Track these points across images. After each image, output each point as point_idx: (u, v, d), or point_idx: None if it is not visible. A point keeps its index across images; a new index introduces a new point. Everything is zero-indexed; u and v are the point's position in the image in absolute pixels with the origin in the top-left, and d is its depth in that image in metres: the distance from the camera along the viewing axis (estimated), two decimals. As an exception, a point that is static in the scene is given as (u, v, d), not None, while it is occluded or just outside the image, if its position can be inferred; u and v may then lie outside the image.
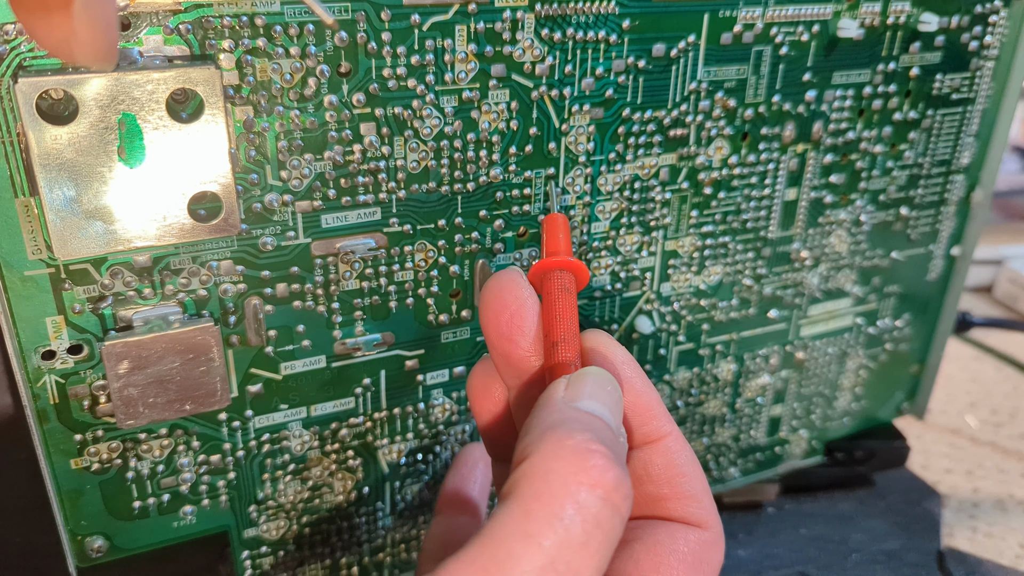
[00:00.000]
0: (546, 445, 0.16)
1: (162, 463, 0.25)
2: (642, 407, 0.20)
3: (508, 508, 0.15)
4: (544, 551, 0.15)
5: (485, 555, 0.15)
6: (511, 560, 0.14)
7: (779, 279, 0.33)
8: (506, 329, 0.20)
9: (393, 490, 0.29)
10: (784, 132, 0.30)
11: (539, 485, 0.15)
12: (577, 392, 0.18)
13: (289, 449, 0.26)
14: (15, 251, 0.21)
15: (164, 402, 0.23)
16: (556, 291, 0.21)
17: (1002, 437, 0.46)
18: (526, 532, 0.15)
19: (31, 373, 0.22)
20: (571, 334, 0.20)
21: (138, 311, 0.23)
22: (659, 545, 0.19)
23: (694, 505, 0.20)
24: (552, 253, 0.22)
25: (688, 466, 0.20)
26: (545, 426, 0.17)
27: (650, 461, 0.20)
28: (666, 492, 0.20)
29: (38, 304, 0.21)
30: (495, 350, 0.21)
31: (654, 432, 0.20)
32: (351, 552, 0.29)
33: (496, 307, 0.20)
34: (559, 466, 0.15)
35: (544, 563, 0.15)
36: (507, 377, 0.21)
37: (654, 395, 0.20)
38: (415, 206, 0.25)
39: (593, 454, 0.16)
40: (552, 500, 0.15)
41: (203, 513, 0.26)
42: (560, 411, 0.17)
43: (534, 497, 0.15)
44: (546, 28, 0.24)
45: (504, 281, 0.20)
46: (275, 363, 0.25)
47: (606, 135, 0.27)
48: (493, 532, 0.15)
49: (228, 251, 0.23)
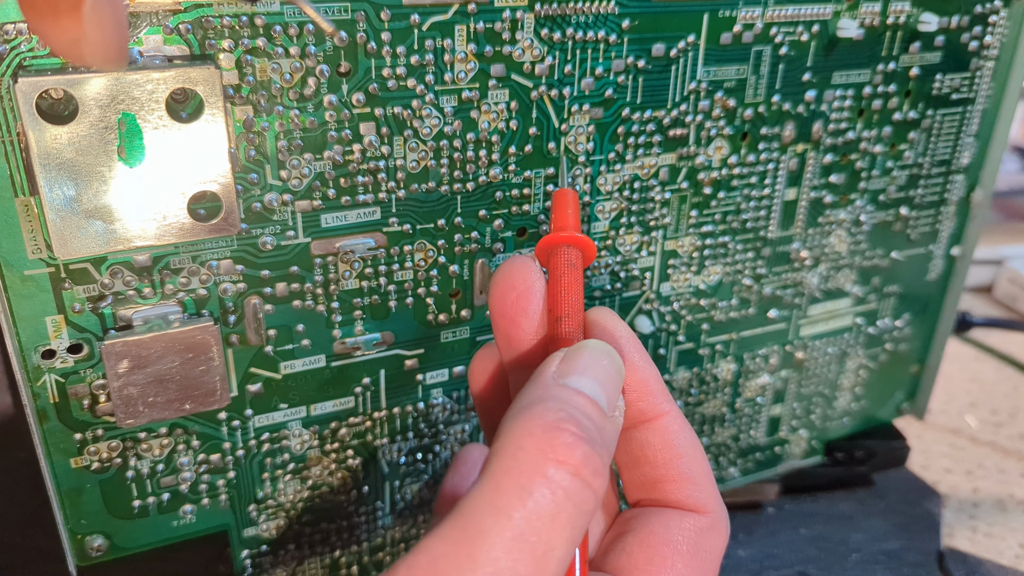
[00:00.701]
0: (520, 423, 0.16)
1: (162, 462, 0.25)
2: (638, 383, 0.20)
3: (479, 485, 0.16)
4: (513, 523, 0.15)
5: (457, 529, 0.15)
6: (482, 534, 0.15)
7: (779, 279, 0.33)
8: (510, 309, 0.20)
9: (393, 489, 0.29)
10: (784, 132, 0.30)
11: (508, 462, 0.16)
12: (569, 367, 0.18)
13: (289, 448, 0.26)
14: (15, 250, 0.21)
15: (164, 401, 0.23)
16: (562, 266, 0.20)
17: (1002, 437, 0.46)
18: (496, 506, 0.15)
19: (31, 372, 0.22)
20: (575, 309, 0.20)
21: (138, 310, 0.23)
22: (653, 536, 0.19)
23: (692, 487, 0.20)
24: (560, 228, 0.22)
25: (687, 447, 0.20)
26: (525, 403, 0.17)
27: (647, 441, 0.20)
28: (663, 474, 0.20)
29: (38, 303, 0.21)
30: (498, 330, 0.21)
31: (650, 409, 0.20)
32: (350, 551, 0.29)
33: (503, 287, 0.20)
34: (528, 443, 0.16)
35: (514, 535, 0.15)
36: (508, 361, 0.21)
37: (653, 372, 0.20)
38: (415, 206, 0.25)
39: (562, 432, 0.16)
40: (520, 475, 0.15)
41: (203, 512, 0.26)
42: (544, 388, 0.17)
43: (504, 473, 0.16)
44: (546, 28, 0.24)
45: (515, 263, 0.20)
46: (275, 362, 0.25)
47: (606, 135, 0.27)
48: (465, 508, 0.15)
49: (228, 250, 0.23)
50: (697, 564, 0.19)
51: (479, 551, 0.15)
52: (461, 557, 0.15)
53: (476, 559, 0.15)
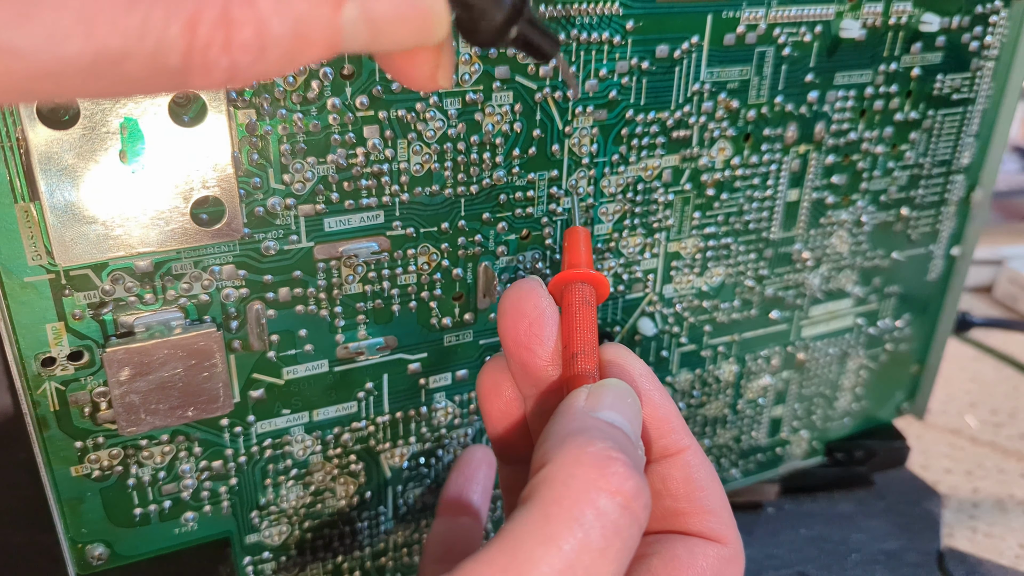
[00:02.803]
0: (567, 451, 0.16)
1: (163, 469, 0.24)
2: (660, 420, 0.20)
3: (528, 511, 0.15)
4: (563, 555, 0.15)
5: (505, 556, 0.15)
6: (530, 562, 0.14)
7: (781, 280, 0.33)
8: (524, 338, 0.20)
9: (395, 494, 0.29)
10: (786, 133, 0.30)
11: (560, 490, 0.15)
12: (597, 402, 0.18)
13: (291, 454, 0.26)
14: (15, 257, 0.20)
15: (166, 408, 0.23)
16: (577, 303, 0.20)
17: (1002, 437, 0.46)
18: (546, 535, 0.15)
19: (31, 380, 0.22)
20: (590, 346, 0.20)
21: (140, 316, 0.22)
22: (677, 559, 0.19)
23: (713, 520, 0.20)
24: (573, 265, 0.22)
25: (707, 480, 0.20)
26: (566, 433, 0.17)
27: (668, 475, 0.20)
28: (684, 507, 0.20)
29: (38, 310, 0.21)
30: (512, 359, 0.21)
31: (672, 445, 0.20)
32: (353, 556, 0.29)
33: (514, 315, 0.20)
34: (580, 472, 0.15)
35: (563, 567, 0.15)
36: (524, 386, 0.21)
37: (672, 408, 0.20)
38: (418, 209, 0.25)
39: (614, 461, 0.16)
40: (572, 505, 0.15)
41: (205, 519, 0.26)
42: (581, 419, 0.17)
43: (554, 501, 0.15)
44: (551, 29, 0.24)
45: (523, 290, 0.20)
46: (277, 368, 0.25)
47: (609, 137, 0.27)
48: (513, 534, 0.15)
49: (230, 255, 0.23)
50: None
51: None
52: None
53: None
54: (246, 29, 0.12)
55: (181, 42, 0.12)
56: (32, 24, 0.11)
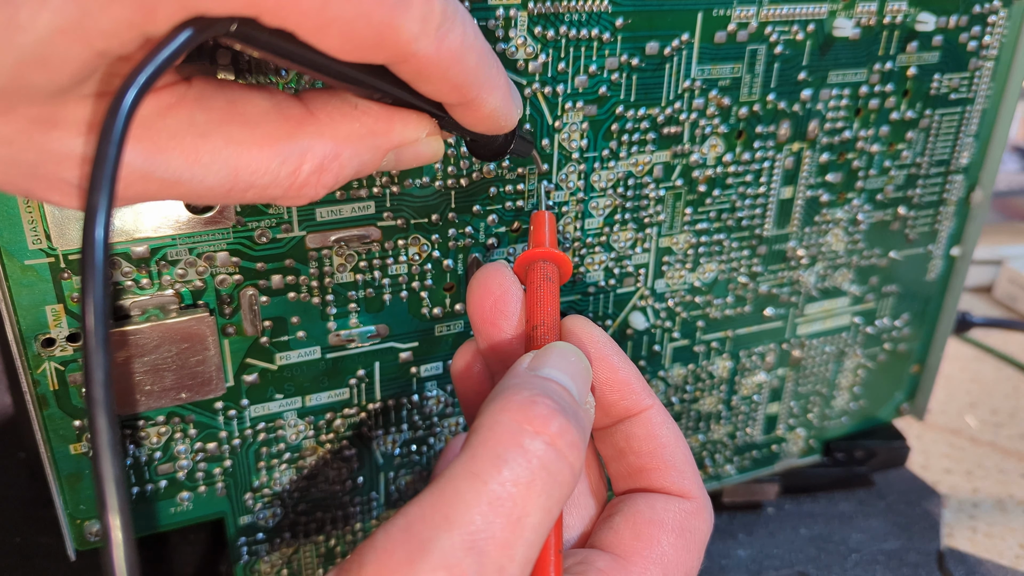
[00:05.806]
0: (495, 402, 0.17)
1: (159, 450, 0.25)
2: (620, 382, 0.21)
3: (459, 456, 0.16)
4: (489, 489, 0.16)
5: (434, 494, 0.16)
6: (457, 497, 0.16)
7: (775, 277, 0.33)
8: (490, 314, 0.21)
9: (387, 480, 0.30)
10: (779, 130, 0.30)
11: (485, 433, 0.16)
12: (539, 362, 0.19)
13: (284, 438, 0.27)
14: (15, 240, 0.21)
15: (160, 390, 0.24)
16: (538, 280, 0.22)
17: (1002, 437, 0.46)
18: (471, 472, 0.16)
19: (31, 360, 0.23)
20: (551, 319, 0.21)
21: (136, 300, 0.23)
22: (639, 515, 0.20)
23: (676, 475, 0.21)
24: (537, 245, 0.23)
25: (670, 437, 0.21)
26: (500, 389, 0.18)
27: (632, 433, 0.21)
28: (648, 463, 0.21)
29: (38, 292, 0.22)
30: (480, 335, 0.22)
31: (635, 406, 0.21)
32: (345, 540, 0.30)
33: (481, 293, 0.21)
34: (505, 416, 0.17)
35: (490, 499, 0.15)
36: (493, 363, 0.22)
37: (633, 371, 0.21)
38: (409, 200, 0.25)
39: (537, 404, 0.17)
40: (496, 444, 0.16)
41: (200, 499, 0.27)
42: (518, 376, 0.18)
43: (481, 443, 0.16)
44: (539, 26, 0.25)
45: (490, 271, 0.22)
46: (270, 353, 0.26)
47: (599, 132, 0.27)
48: (444, 476, 0.16)
49: (224, 243, 0.24)
50: (683, 543, 0.20)
51: (455, 513, 0.15)
52: (437, 519, 0.15)
53: (452, 520, 0.15)
54: (330, 175, 0.17)
55: (287, 181, 0.17)
56: (198, 167, 0.16)
